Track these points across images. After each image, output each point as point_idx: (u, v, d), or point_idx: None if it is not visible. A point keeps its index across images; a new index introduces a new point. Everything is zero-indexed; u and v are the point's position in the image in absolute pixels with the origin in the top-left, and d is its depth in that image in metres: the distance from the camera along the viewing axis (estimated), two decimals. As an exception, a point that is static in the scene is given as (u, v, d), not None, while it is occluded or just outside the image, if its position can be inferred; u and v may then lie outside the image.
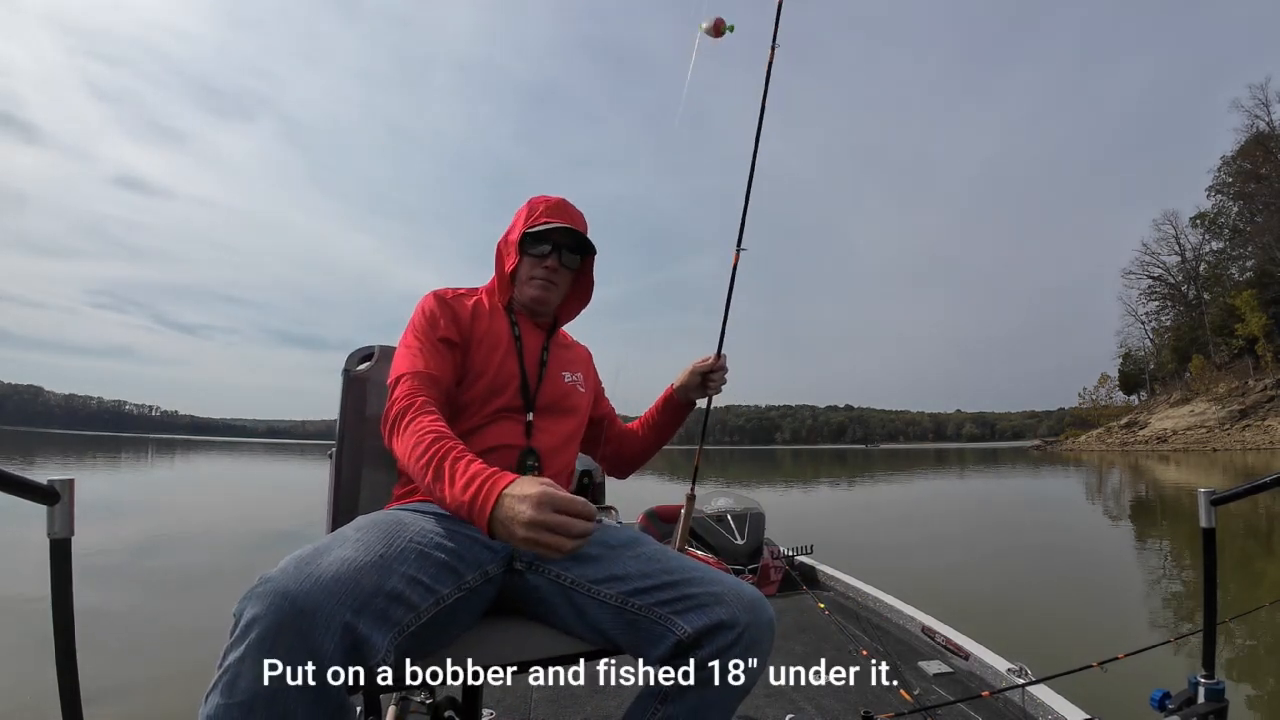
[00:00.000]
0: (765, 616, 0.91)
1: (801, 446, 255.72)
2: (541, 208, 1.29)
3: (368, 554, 0.79)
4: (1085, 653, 1.89)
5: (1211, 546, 1.31)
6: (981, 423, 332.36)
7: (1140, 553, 7.47)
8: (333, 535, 0.85)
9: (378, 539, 0.84)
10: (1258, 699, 3.12)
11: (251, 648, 0.66)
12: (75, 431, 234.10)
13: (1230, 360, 49.82)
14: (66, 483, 0.86)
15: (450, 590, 0.87)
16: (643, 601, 0.93)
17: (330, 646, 0.68)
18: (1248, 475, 15.18)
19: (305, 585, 0.69)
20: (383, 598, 0.75)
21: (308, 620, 0.67)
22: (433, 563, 0.86)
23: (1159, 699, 1.34)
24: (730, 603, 0.90)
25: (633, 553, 1.02)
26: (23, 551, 6.14)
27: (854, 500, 14.99)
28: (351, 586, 0.72)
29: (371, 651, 0.71)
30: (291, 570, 0.71)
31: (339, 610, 0.69)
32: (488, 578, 0.96)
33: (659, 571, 0.97)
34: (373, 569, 0.77)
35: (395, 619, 0.76)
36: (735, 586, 0.93)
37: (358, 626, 0.70)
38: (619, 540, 1.06)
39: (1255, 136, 51.82)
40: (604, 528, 1.13)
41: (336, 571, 0.72)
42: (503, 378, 1.21)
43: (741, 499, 4.01)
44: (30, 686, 2.98)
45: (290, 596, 0.68)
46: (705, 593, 0.92)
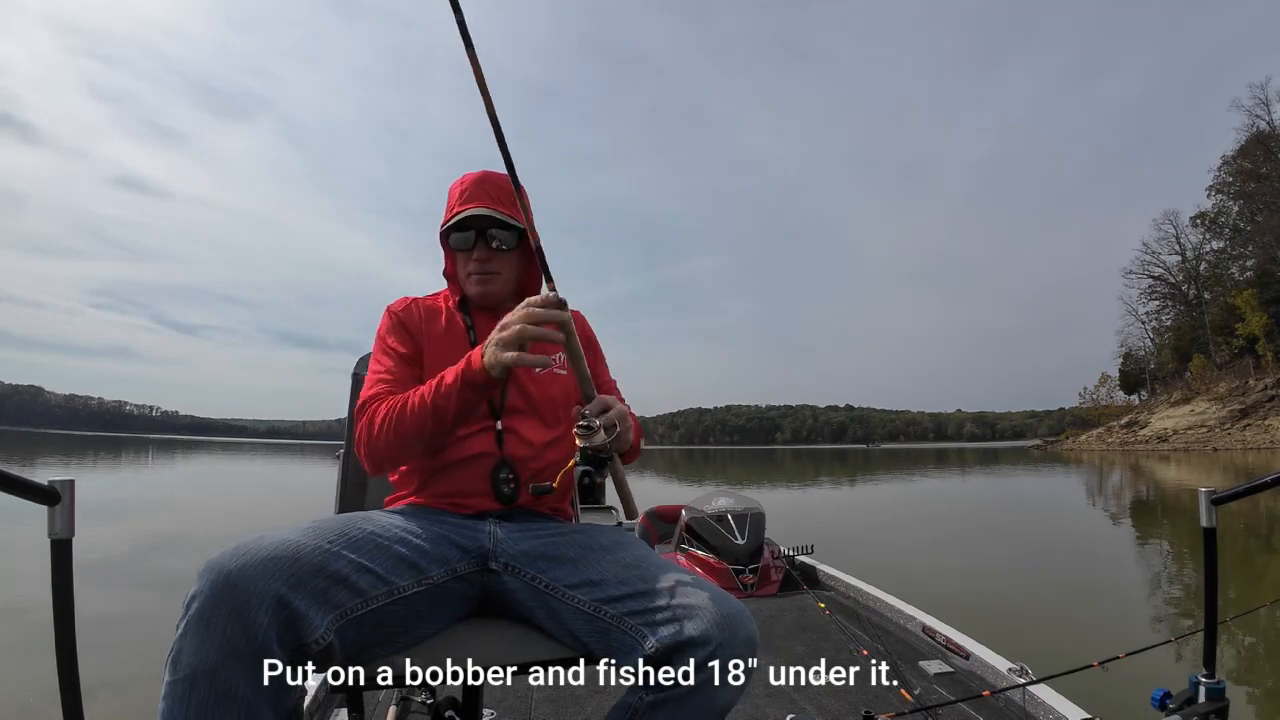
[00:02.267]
0: (743, 634, 0.83)
1: (802, 446, 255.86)
2: (458, 193, 1.20)
3: (314, 539, 0.81)
4: (1086, 652, 1.89)
5: (1212, 546, 1.31)
6: (982, 422, 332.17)
7: (1141, 552, 7.46)
8: (289, 525, 0.86)
9: (332, 528, 0.86)
10: (1258, 698, 3.12)
11: (190, 624, 0.68)
12: (76, 432, 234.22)
13: (1231, 360, 49.77)
14: (67, 483, 0.86)
15: (408, 584, 0.88)
16: (614, 610, 0.88)
17: (264, 620, 0.69)
18: (1248, 475, 15.16)
19: (241, 562, 0.71)
20: (323, 578, 0.77)
21: (241, 594, 0.69)
22: (390, 555, 0.88)
23: (1160, 698, 1.34)
24: (704, 617, 0.82)
25: (613, 557, 0.97)
26: (22, 553, 6.14)
27: (854, 500, 14.98)
28: (288, 564, 0.74)
29: (308, 628, 0.73)
30: (230, 551, 0.74)
31: (271, 584, 0.71)
32: (456, 575, 0.95)
33: (635, 578, 0.91)
34: (315, 551, 0.79)
35: (337, 601, 0.78)
36: (713, 600, 0.85)
37: (293, 602, 0.72)
38: (601, 542, 1.02)
39: (1255, 136, 51.74)
40: (590, 528, 1.10)
41: (273, 551, 0.74)
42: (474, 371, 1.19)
43: (742, 499, 4.01)
44: (31, 687, 2.99)
45: (225, 572, 0.70)
46: (679, 605, 0.84)
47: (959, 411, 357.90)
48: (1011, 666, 2.01)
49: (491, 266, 1.19)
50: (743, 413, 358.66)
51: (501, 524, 1.05)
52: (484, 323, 1.24)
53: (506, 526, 1.05)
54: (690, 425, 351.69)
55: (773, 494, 15.47)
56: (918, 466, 32.17)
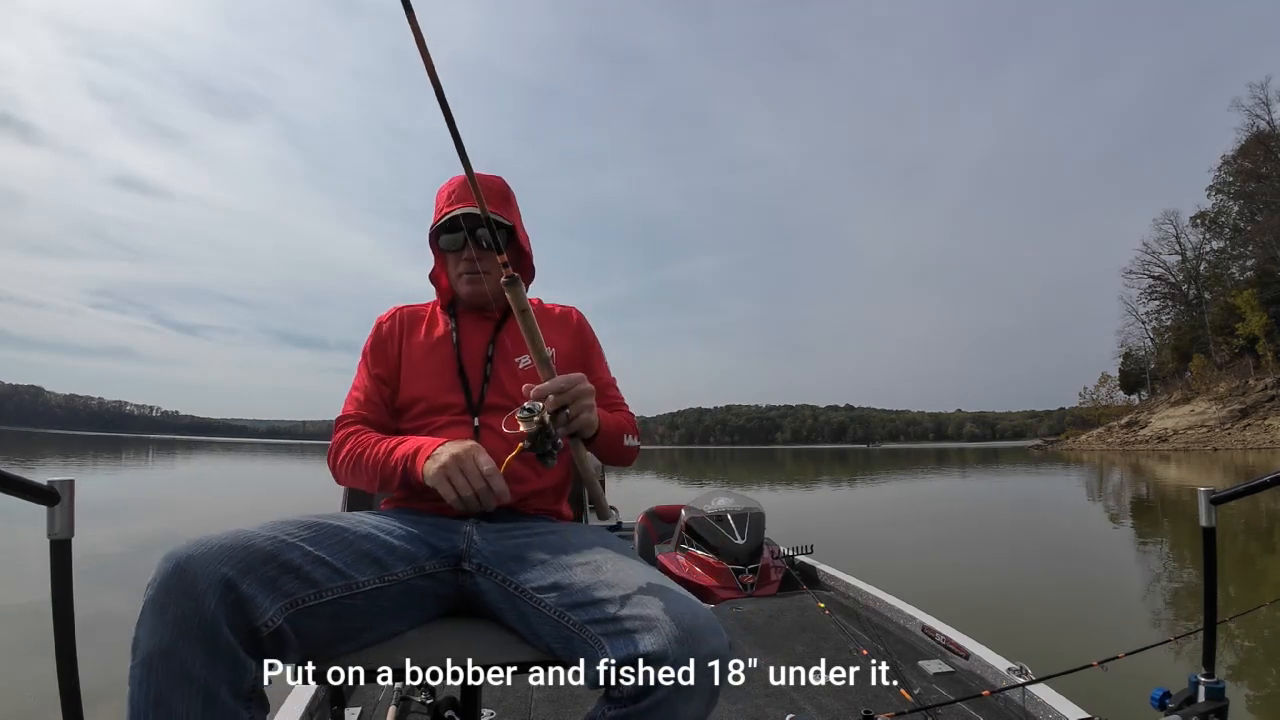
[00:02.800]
0: (705, 649, 0.76)
1: (802, 446, 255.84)
2: (446, 195, 1.22)
3: (272, 531, 0.84)
4: (1086, 652, 1.89)
5: (1212, 545, 1.31)
6: (982, 422, 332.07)
7: (1140, 552, 7.46)
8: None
9: (297, 523, 0.88)
10: (1258, 698, 3.12)
11: (146, 609, 0.71)
12: (76, 432, 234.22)
13: (1231, 359, 49.74)
14: (66, 483, 0.86)
15: (369, 579, 0.88)
16: (577, 617, 0.84)
17: (213, 602, 0.71)
18: (1248, 474, 15.16)
19: (192, 550, 0.75)
20: (274, 566, 0.79)
21: (189, 578, 0.72)
22: (353, 551, 0.89)
23: (1159, 698, 1.34)
24: (661, 632, 0.76)
25: (584, 559, 0.93)
26: (23, 553, 6.14)
27: (854, 500, 14.98)
28: (237, 551, 0.77)
29: (256, 611, 0.75)
30: (186, 541, 0.77)
31: (219, 568, 0.74)
32: (424, 573, 0.95)
33: (601, 584, 0.86)
34: (268, 541, 0.81)
35: (287, 589, 0.79)
36: (675, 612, 0.79)
37: (239, 585, 0.74)
38: (575, 543, 0.99)
39: (1256, 136, 51.69)
40: (570, 527, 1.09)
41: (225, 540, 0.78)
42: (442, 391, 1.18)
43: (742, 499, 4.01)
44: (31, 687, 2.99)
45: (178, 559, 0.73)
46: (638, 616, 0.79)
47: (959, 411, 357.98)
48: (1011, 666, 2.01)
49: (482, 266, 1.20)
50: (743, 412, 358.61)
51: (481, 525, 1.06)
52: (470, 324, 1.26)
53: (486, 527, 1.05)
54: (690, 425, 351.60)
55: (773, 494, 15.47)
56: (918, 466, 32.17)
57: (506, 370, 1.21)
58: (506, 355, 1.23)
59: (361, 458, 1.09)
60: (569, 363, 1.26)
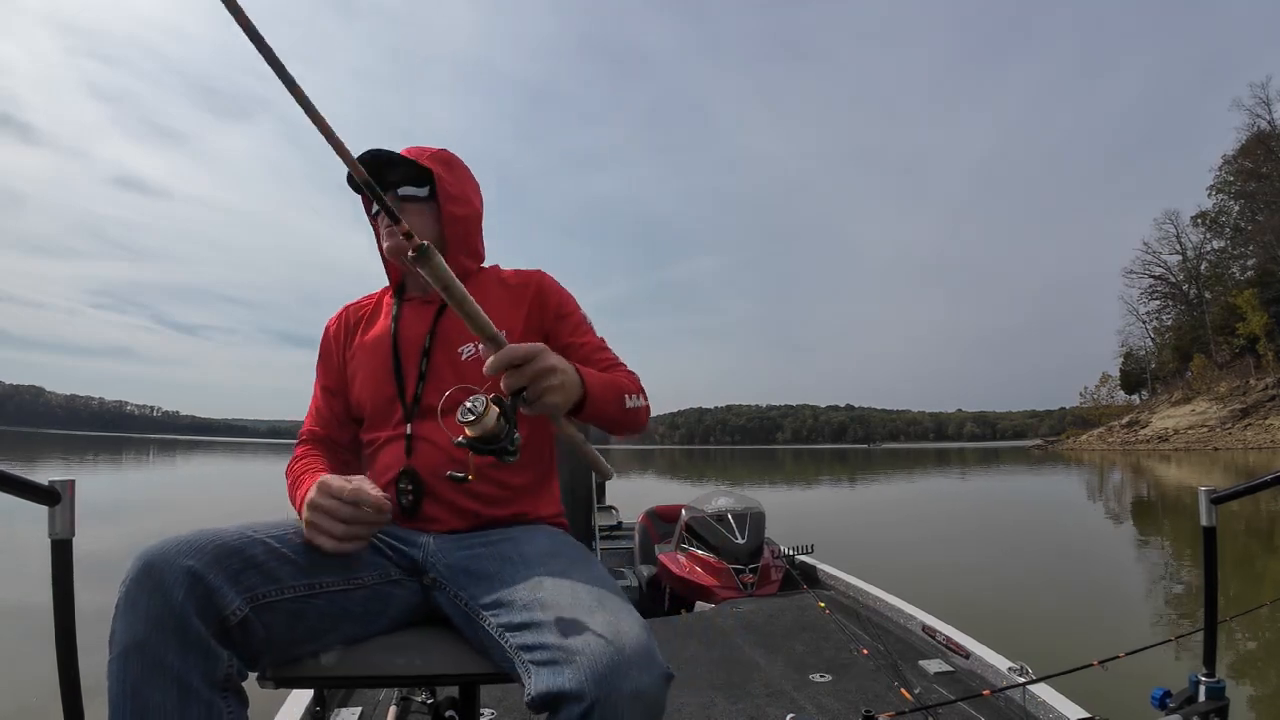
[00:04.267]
0: (629, 687, 0.68)
1: (802, 446, 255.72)
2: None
3: (240, 528, 0.85)
4: (1086, 651, 1.89)
5: (1212, 545, 1.31)
6: (982, 422, 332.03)
7: (1141, 551, 7.47)
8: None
9: (268, 523, 0.89)
10: (1259, 698, 3.12)
11: (119, 604, 0.73)
12: (77, 432, 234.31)
13: (1231, 359, 49.71)
14: (67, 483, 0.86)
15: (334, 580, 0.88)
16: (513, 639, 0.80)
17: (180, 594, 0.73)
18: (1249, 474, 15.13)
19: (161, 546, 0.77)
20: (239, 560, 0.80)
21: (158, 572, 0.73)
22: (318, 552, 0.89)
23: (1160, 697, 1.34)
24: (580, 667, 0.69)
25: (528, 574, 0.87)
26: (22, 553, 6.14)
27: (855, 500, 14.98)
28: (203, 545, 0.78)
29: (223, 601, 0.76)
30: (157, 540, 0.78)
31: (184, 561, 0.75)
32: (389, 579, 0.94)
33: (537, 604, 0.80)
34: (235, 537, 0.82)
35: (250, 584, 0.80)
36: (599, 646, 0.71)
37: (205, 577, 0.75)
38: (524, 554, 0.93)
39: (1256, 135, 51.67)
40: (523, 534, 1.00)
41: (192, 536, 0.79)
42: (381, 397, 1.08)
43: (742, 498, 4.01)
44: (31, 688, 2.99)
45: (147, 555, 0.75)
46: (560, 647, 0.72)
47: (959, 411, 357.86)
48: (1012, 666, 2.01)
49: (401, 216, 1.04)
50: (743, 412, 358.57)
51: (439, 536, 1.00)
52: (412, 311, 1.13)
53: (443, 538, 0.99)
54: (691, 425, 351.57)
55: (773, 494, 15.47)
56: (918, 466, 32.16)
57: (447, 361, 1.06)
58: (449, 344, 1.07)
59: (290, 487, 1.04)
60: (532, 335, 1.11)
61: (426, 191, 1.11)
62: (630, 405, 1.02)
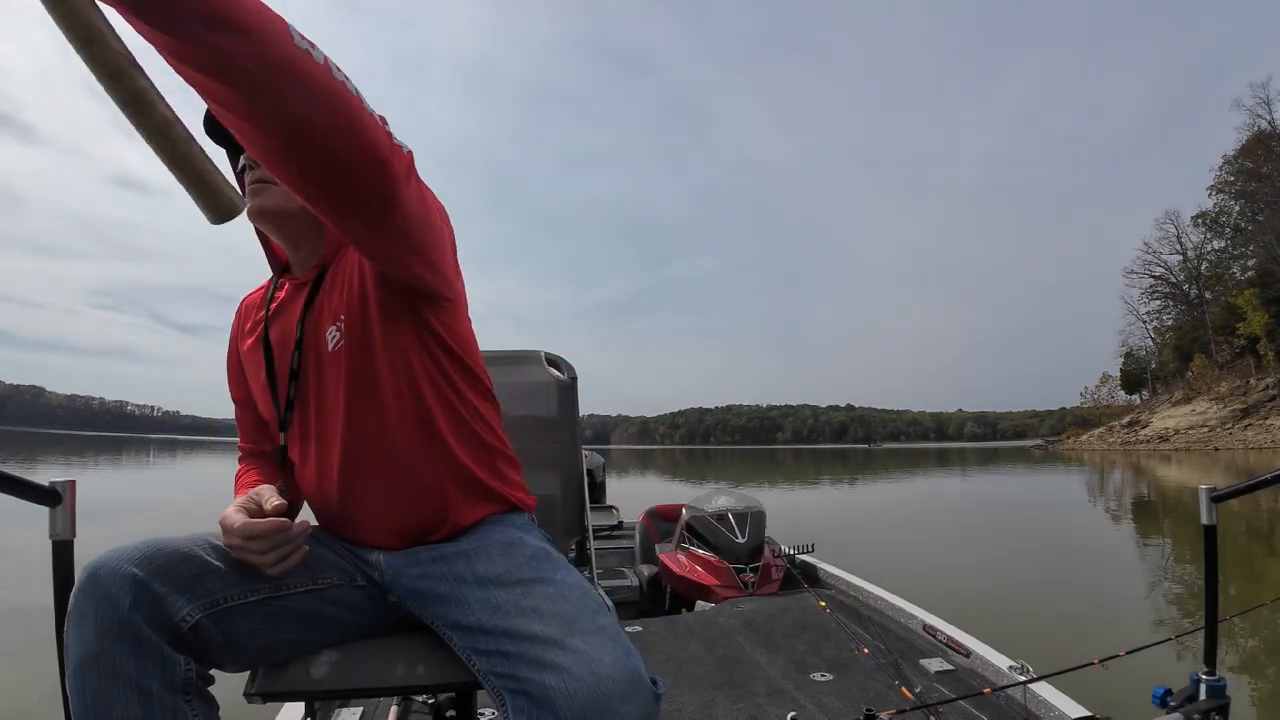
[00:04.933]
0: (613, 718, 0.65)
1: (803, 446, 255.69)
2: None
3: (192, 537, 0.82)
4: (1087, 650, 1.89)
5: (1213, 543, 1.31)
6: (983, 422, 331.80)
7: (1142, 550, 7.46)
8: None
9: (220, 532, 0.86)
10: (1259, 696, 3.12)
11: (70, 617, 0.71)
12: (77, 432, 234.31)
13: (1232, 359, 49.67)
14: (68, 484, 0.86)
15: (300, 582, 0.85)
16: (481, 664, 0.76)
17: (127, 602, 0.71)
18: (1249, 474, 15.12)
19: (106, 557, 0.74)
20: (193, 566, 0.78)
21: (103, 583, 0.72)
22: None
23: (1161, 696, 1.34)
24: (561, 701, 0.65)
25: (483, 595, 0.80)
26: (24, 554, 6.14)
27: (855, 499, 14.98)
28: (149, 553, 0.76)
29: (172, 608, 0.74)
30: (104, 551, 0.76)
31: (128, 569, 0.73)
32: (354, 584, 0.91)
33: (499, 629, 0.75)
34: (185, 543, 0.80)
35: (207, 589, 0.78)
36: (575, 687, 0.66)
37: (151, 584, 0.73)
38: (476, 572, 0.84)
39: (1257, 135, 51.65)
40: (474, 548, 0.88)
41: (138, 545, 0.77)
42: (262, 401, 0.97)
43: (742, 498, 4.01)
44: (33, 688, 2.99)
45: (92, 566, 0.73)
46: (533, 681, 0.68)
47: (960, 411, 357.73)
48: (1012, 664, 2.01)
49: (260, 173, 0.88)
50: (744, 412, 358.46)
51: (389, 554, 0.92)
52: (288, 298, 0.95)
53: (392, 554, 0.92)
54: (691, 425, 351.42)
55: (773, 493, 15.47)
56: (919, 466, 32.16)
57: (317, 350, 0.90)
58: (325, 321, 0.90)
59: None
60: (383, 302, 0.88)
61: None
62: (301, 44, 0.58)
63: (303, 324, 0.91)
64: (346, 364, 0.88)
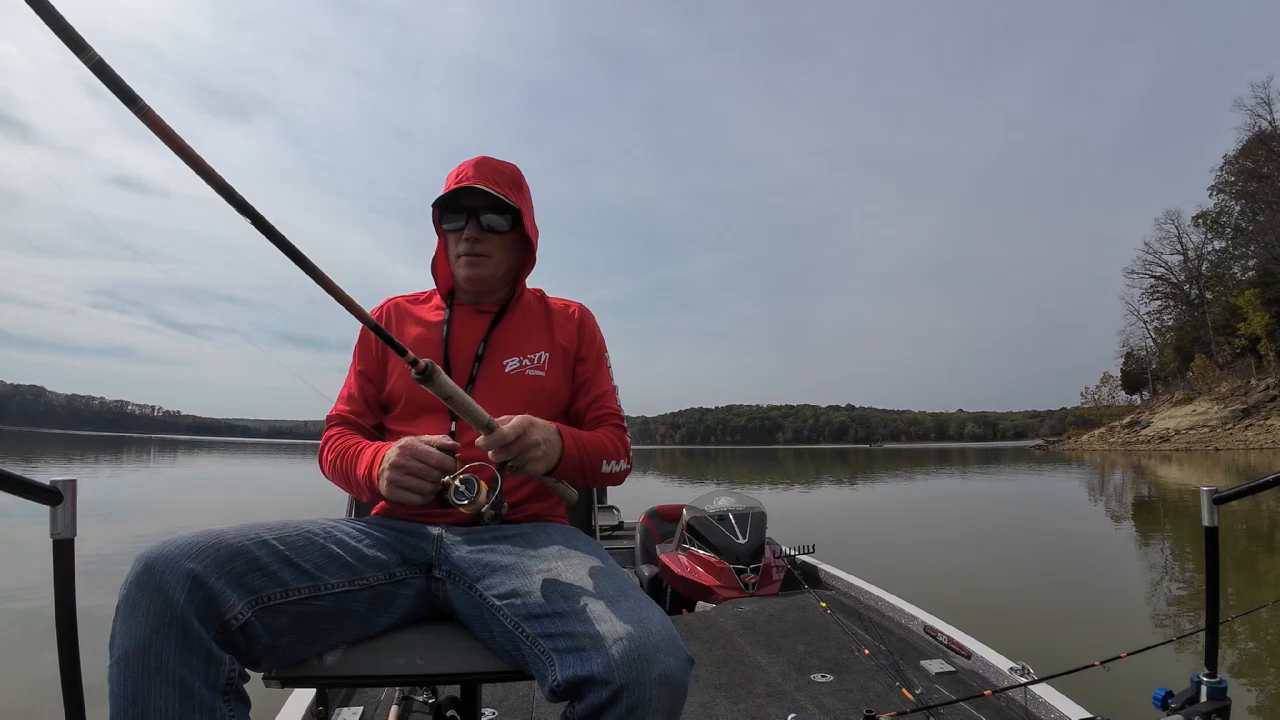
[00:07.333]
0: (655, 672, 0.72)
1: (803, 446, 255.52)
2: (454, 176, 1.16)
3: (241, 530, 0.85)
4: (1088, 652, 1.89)
5: (1214, 545, 1.30)
6: (983, 422, 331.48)
7: (1142, 552, 7.46)
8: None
9: (269, 525, 0.89)
10: (1260, 698, 3.11)
11: (120, 608, 0.73)
12: (78, 432, 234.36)
13: (1232, 359, 49.64)
14: (69, 483, 0.86)
15: (339, 582, 0.88)
16: (531, 629, 0.82)
17: (182, 597, 0.72)
18: (1250, 475, 15.13)
19: (161, 549, 0.76)
20: (242, 563, 0.80)
21: (159, 576, 0.73)
22: (322, 553, 0.89)
23: (1161, 698, 1.34)
24: (608, 653, 0.73)
25: (546, 566, 0.90)
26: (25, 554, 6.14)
27: (856, 500, 14.97)
28: (205, 548, 0.77)
29: (225, 605, 0.76)
30: (157, 541, 0.78)
31: (186, 564, 0.74)
32: (395, 579, 0.94)
33: (557, 595, 0.83)
34: (237, 538, 0.82)
35: (254, 586, 0.80)
36: (624, 633, 0.75)
37: (207, 580, 0.75)
38: (541, 548, 0.96)
39: (1257, 135, 51.62)
40: (538, 529, 1.04)
41: (193, 537, 0.79)
42: (426, 392, 1.12)
43: (743, 498, 4.00)
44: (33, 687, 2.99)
45: (147, 558, 0.75)
46: (586, 635, 0.76)
47: (960, 411, 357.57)
48: (1013, 666, 2.01)
49: (481, 248, 1.15)
50: (744, 412, 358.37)
51: (452, 529, 1.02)
52: (463, 317, 1.20)
53: (456, 531, 1.02)
54: (692, 425, 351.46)
55: (774, 494, 15.46)
56: (919, 466, 32.13)
57: (495, 366, 1.15)
58: (504, 349, 1.17)
59: (338, 467, 1.07)
60: (564, 361, 1.20)
61: (508, 224, 1.18)
62: (607, 470, 1.09)
63: (486, 341, 1.16)
64: (519, 387, 1.14)
